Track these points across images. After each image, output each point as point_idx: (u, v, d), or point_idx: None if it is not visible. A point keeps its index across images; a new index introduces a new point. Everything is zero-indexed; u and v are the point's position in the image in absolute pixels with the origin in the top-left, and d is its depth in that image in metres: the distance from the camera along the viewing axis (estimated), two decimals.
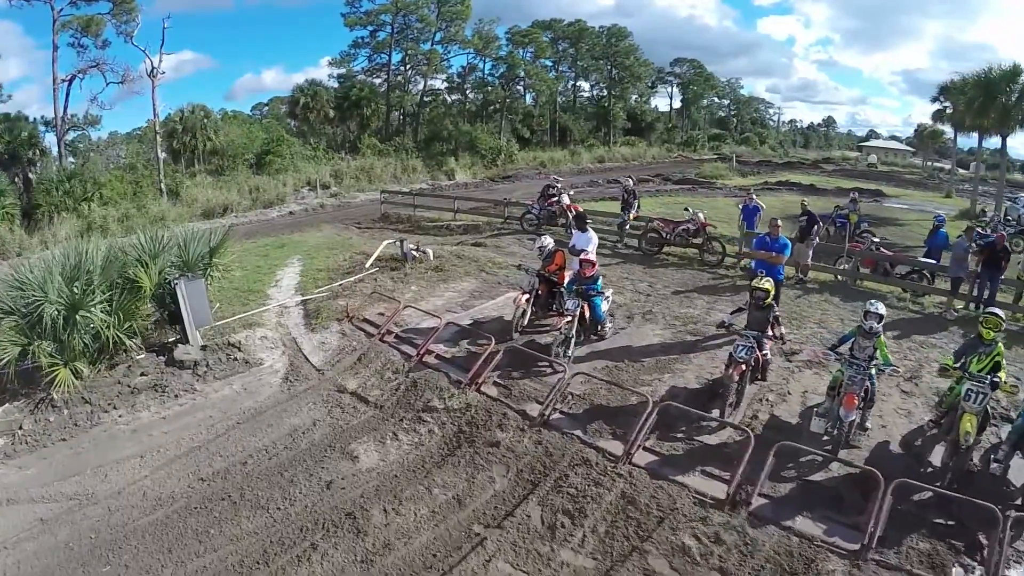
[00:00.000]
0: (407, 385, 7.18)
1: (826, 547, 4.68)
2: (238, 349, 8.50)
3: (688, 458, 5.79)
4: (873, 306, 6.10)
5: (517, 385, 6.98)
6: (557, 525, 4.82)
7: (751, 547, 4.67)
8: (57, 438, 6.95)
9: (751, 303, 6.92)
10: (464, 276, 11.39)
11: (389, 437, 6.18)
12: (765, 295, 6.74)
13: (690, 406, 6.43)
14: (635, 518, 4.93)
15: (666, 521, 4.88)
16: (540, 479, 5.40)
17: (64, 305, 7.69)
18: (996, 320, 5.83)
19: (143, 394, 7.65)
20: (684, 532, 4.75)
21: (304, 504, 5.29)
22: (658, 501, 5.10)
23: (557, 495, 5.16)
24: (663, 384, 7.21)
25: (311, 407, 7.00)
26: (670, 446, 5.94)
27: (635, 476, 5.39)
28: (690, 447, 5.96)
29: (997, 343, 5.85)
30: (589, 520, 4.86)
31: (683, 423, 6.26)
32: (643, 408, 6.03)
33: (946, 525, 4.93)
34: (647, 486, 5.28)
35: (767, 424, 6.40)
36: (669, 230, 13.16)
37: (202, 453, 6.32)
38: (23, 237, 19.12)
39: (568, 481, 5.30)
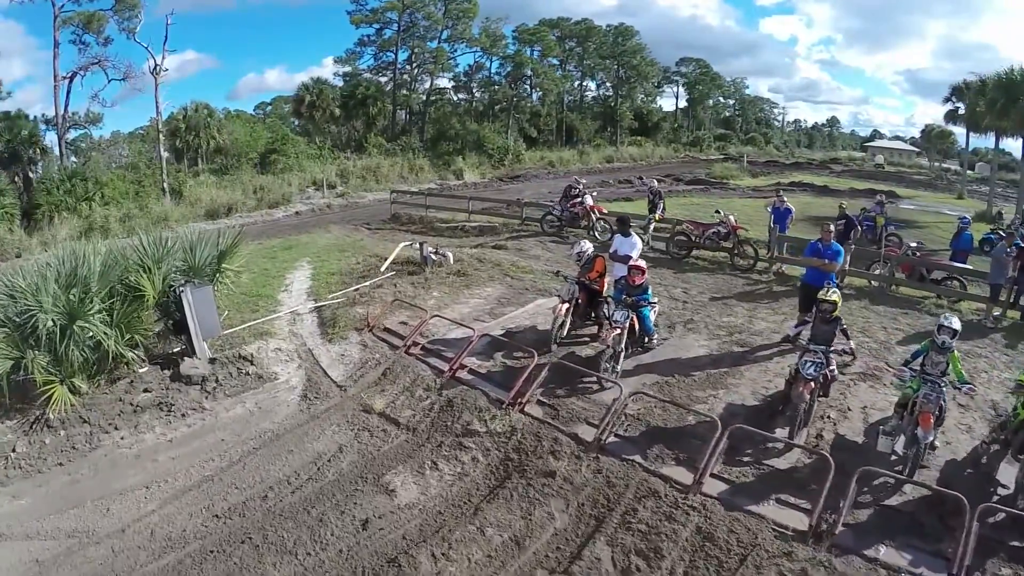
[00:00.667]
0: (441, 404, 6.44)
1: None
2: (250, 362, 7.76)
3: (761, 485, 5.21)
4: (947, 320, 5.66)
5: (564, 404, 6.26)
6: (632, 568, 4.19)
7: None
8: (54, 463, 6.26)
9: (817, 316, 6.29)
10: (488, 281, 10.66)
11: (428, 466, 5.45)
12: (832, 307, 6.14)
13: (752, 424, 5.86)
14: (715, 556, 4.33)
15: (749, 559, 4.28)
16: (605, 514, 4.71)
17: (60, 315, 6.97)
18: None
19: (147, 413, 6.93)
20: (770, 570, 4.20)
21: (338, 548, 4.57)
22: (737, 536, 4.49)
23: (627, 532, 4.49)
24: (719, 401, 6.53)
25: (335, 430, 6.26)
26: (739, 472, 5.33)
27: (708, 508, 4.76)
28: (760, 472, 5.37)
29: None
30: (666, 561, 4.22)
31: (748, 445, 5.62)
32: (709, 430, 5.37)
33: None
34: (723, 519, 4.66)
35: (834, 444, 5.84)
36: (699, 233, 12.45)
37: (215, 484, 5.60)
38: (22, 238, 18.45)
39: (637, 516, 4.62)
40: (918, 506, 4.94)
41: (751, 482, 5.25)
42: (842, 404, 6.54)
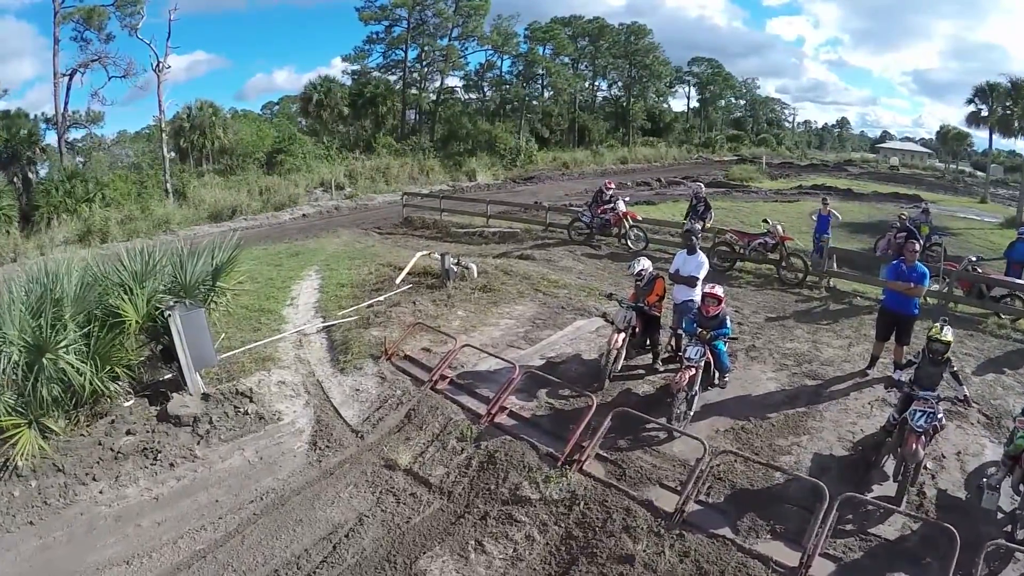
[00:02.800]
0: (481, 459, 5.24)
1: None
2: (249, 399, 6.57)
3: (871, 561, 4.24)
4: None
5: (628, 460, 5.08)
6: None
7: None
8: (23, 520, 5.17)
9: (926, 356, 5.20)
10: (518, 298, 9.46)
11: (472, 547, 4.27)
12: (945, 348, 5.11)
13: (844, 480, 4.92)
14: None
15: None
16: None
17: (26, 347, 5.83)
18: None
19: (129, 461, 5.79)
20: None
21: None
22: None
23: None
24: (804, 451, 5.45)
25: (352, 491, 5.09)
26: (844, 545, 4.30)
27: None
28: (868, 544, 4.37)
29: None
30: None
31: (849, 511, 4.50)
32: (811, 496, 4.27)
33: None
34: None
35: (938, 503, 4.91)
36: (744, 243, 11.26)
37: (208, 564, 4.46)
38: (19, 241, 17.42)
39: None
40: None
41: (860, 559, 4.25)
42: (935, 451, 5.51)
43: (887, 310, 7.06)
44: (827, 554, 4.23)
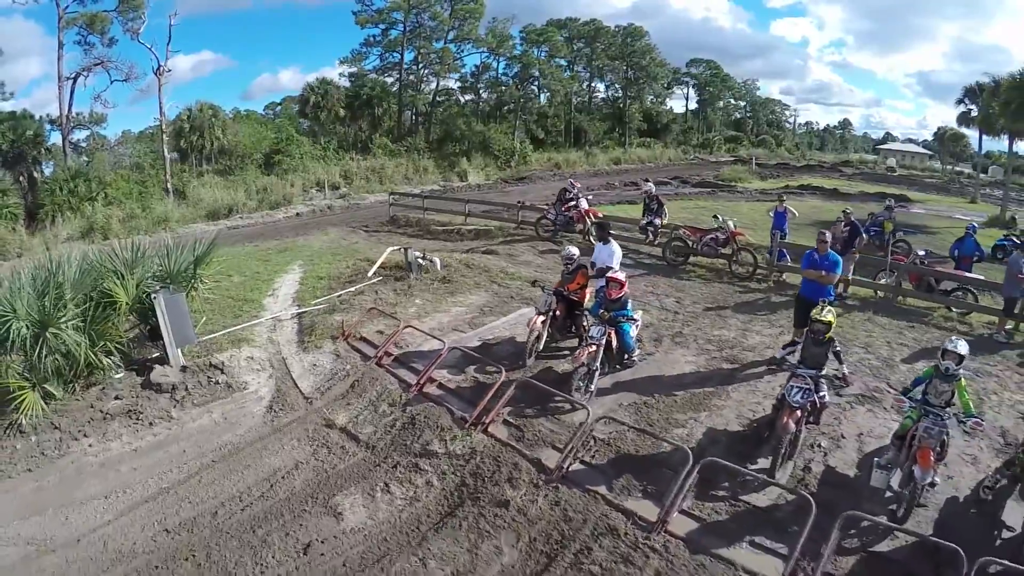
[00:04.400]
0: (404, 421, 6.26)
1: None
2: (221, 371, 7.63)
3: (734, 524, 4.82)
4: (952, 344, 5.07)
5: (531, 425, 6.03)
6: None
7: None
8: (23, 468, 6.17)
9: (808, 337, 5.83)
10: (474, 288, 10.46)
11: (380, 489, 5.27)
12: (826, 328, 5.67)
13: (733, 453, 5.52)
14: None
15: None
16: (557, 552, 4.46)
17: (33, 322, 6.90)
18: None
19: (116, 421, 6.83)
20: None
21: (276, 573, 4.40)
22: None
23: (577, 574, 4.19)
24: (699, 425, 6.19)
25: (294, 445, 6.11)
26: (712, 508, 4.94)
27: (671, 550, 4.42)
28: (735, 510, 4.97)
29: None
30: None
31: (725, 478, 5.23)
32: (680, 461, 5.04)
33: None
34: (686, 564, 4.32)
35: (822, 479, 5.41)
36: (696, 239, 12.13)
37: (171, 497, 5.48)
38: (24, 238, 18.62)
39: (591, 556, 4.35)
40: (912, 554, 4.53)
41: (723, 521, 4.87)
42: (835, 431, 6.13)
43: (803, 298, 7.66)
44: (690, 514, 4.89)
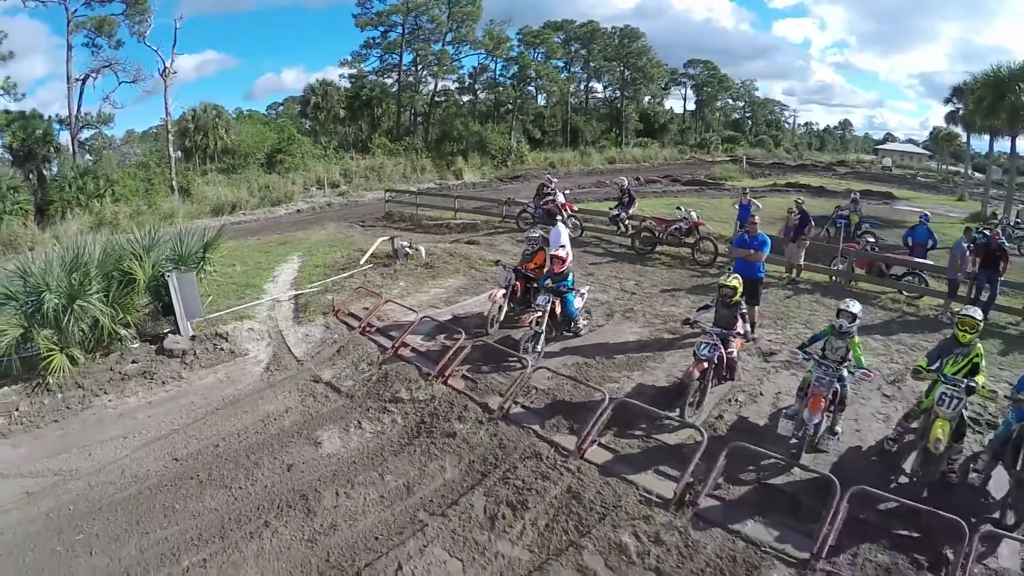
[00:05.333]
0: (379, 376, 7.42)
1: (773, 553, 4.57)
2: (225, 340, 8.82)
3: (643, 456, 5.77)
4: (846, 305, 5.92)
5: (484, 379, 7.16)
6: (498, 516, 4.94)
7: (692, 549, 4.61)
8: (50, 420, 7.27)
9: (718, 300, 6.88)
10: (454, 273, 11.61)
11: (353, 425, 6.41)
12: (732, 293, 6.67)
13: (656, 404, 6.39)
14: (577, 513, 4.97)
15: (608, 518, 4.90)
16: (490, 470, 5.57)
17: (63, 295, 8.08)
18: (972, 321, 5.49)
19: (132, 380, 7.99)
20: (624, 530, 4.76)
21: (264, 485, 5.55)
22: (603, 497, 5.12)
23: (504, 487, 5.30)
24: (631, 381, 7.25)
25: (286, 395, 7.27)
26: (627, 443, 5.93)
27: (584, 472, 5.46)
28: (647, 445, 5.93)
29: (975, 345, 5.54)
30: (530, 513, 4.96)
31: (644, 421, 6.26)
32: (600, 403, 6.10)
33: (911, 538, 4.75)
34: (594, 482, 5.34)
35: (733, 425, 6.33)
36: (662, 229, 13.21)
37: (179, 435, 6.62)
38: (36, 232, 19.76)
39: (516, 473, 5.44)
40: (804, 489, 5.20)
41: (635, 453, 5.80)
42: (755, 389, 7.12)
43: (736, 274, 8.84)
44: (607, 447, 5.81)
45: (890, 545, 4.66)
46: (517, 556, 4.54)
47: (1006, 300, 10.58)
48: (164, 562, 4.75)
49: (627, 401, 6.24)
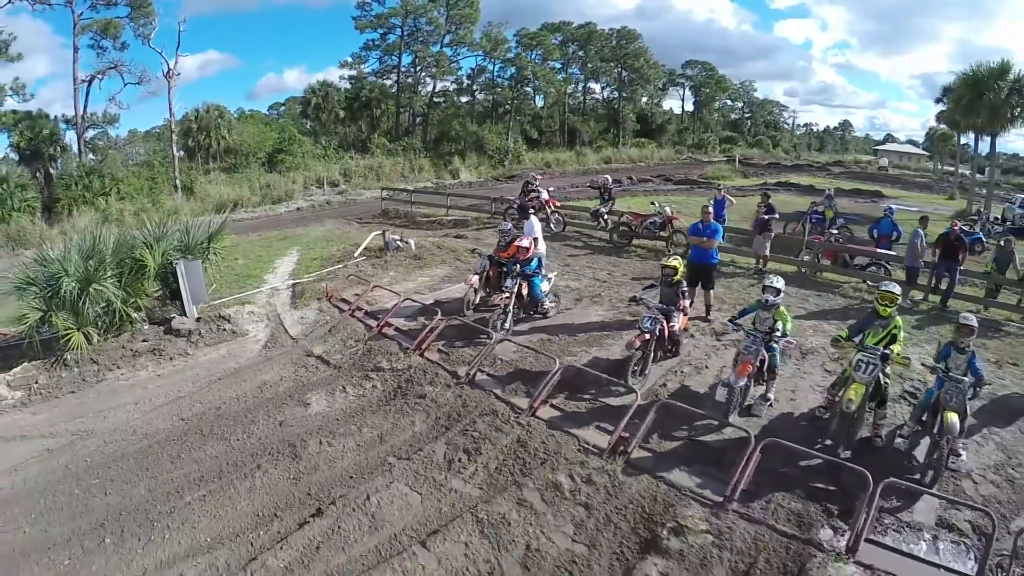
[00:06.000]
0: (364, 351, 8.35)
1: (691, 495, 5.25)
2: (227, 321, 9.76)
3: (587, 415, 6.57)
4: (770, 281, 6.69)
5: (456, 352, 8.07)
6: (455, 460, 5.84)
7: (618, 489, 5.33)
8: (67, 391, 8.19)
9: (661, 280, 7.74)
10: (440, 264, 12.53)
11: (339, 390, 7.32)
12: (673, 272, 7.55)
13: (609, 372, 7.23)
14: (522, 458, 5.79)
15: (548, 462, 5.69)
16: (452, 424, 6.47)
17: (80, 279, 9.03)
18: (891, 296, 6.11)
19: (143, 356, 8.92)
20: (561, 472, 5.53)
21: (258, 437, 6.46)
22: (546, 446, 5.93)
23: (462, 437, 6.19)
24: (588, 355, 8.08)
25: (281, 367, 8.19)
26: (574, 404, 6.76)
27: (533, 426, 6.32)
28: (592, 406, 6.74)
29: (894, 317, 6.16)
30: (483, 458, 5.85)
31: (593, 387, 7.08)
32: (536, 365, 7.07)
33: (827, 490, 5.32)
34: (541, 434, 6.18)
35: (674, 392, 7.06)
36: (638, 223, 14.08)
37: (185, 401, 7.54)
38: (44, 228, 20.56)
39: (475, 427, 6.34)
40: (729, 444, 5.90)
41: (581, 412, 6.61)
42: (702, 364, 7.87)
43: (692, 262, 9.46)
44: (558, 407, 6.61)
45: (805, 495, 5.27)
46: (468, 491, 5.42)
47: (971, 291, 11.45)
48: (169, 498, 5.65)
49: (576, 367, 7.14)
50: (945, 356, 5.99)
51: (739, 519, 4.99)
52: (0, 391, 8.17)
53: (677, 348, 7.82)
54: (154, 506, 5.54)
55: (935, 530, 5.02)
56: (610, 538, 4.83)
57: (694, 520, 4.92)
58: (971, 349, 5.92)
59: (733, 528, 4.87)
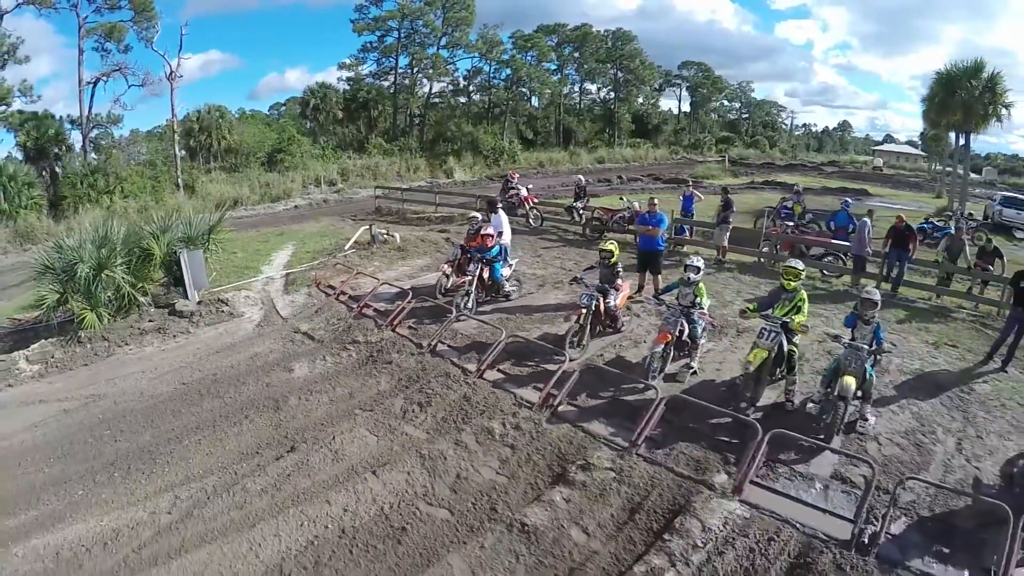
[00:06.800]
0: (344, 328, 9.56)
1: (603, 441, 6.29)
2: (226, 304, 10.97)
3: (527, 377, 7.69)
4: (692, 260, 7.73)
5: (424, 328, 9.25)
6: (409, 411, 7.03)
7: (540, 434, 6.41)
8: (80, 364, 9.34)
9: (599, 262, 8.83)
10: (422, 255, 13.72)
11: (320, 359, 8.53)
12: (609, 255, 8.67)
13: (556, 346, 8.37)
14: (465, 410, 6.95)
15: (486, 413, 6.83)
16: (411, 384, 7.67)
17: (93, 265, 10.25)
18: (795, 271, 7.03)
19: (149, 334, 10.13)
20: (496, 420, 6.67)
21: (247, 395, 7.64)
22: (487, 401, 7.09)
23: (418, 393, 7.39)
24: (539, 331, 9.17)
25: (271, 342, 9.39)
26: (518, 369, 7.90)
27: (478, 385, 7.51)
28: (533, 371, 7.83)
29: (798, 291, 7.00)
30: (432, 409, 7.03)
31: (537, 355, 8.20)
32: (490, 338, 8.26)
33: (728, 442, 6.19)
34: (483, 391, 7.37)
35: (610, 361, 8.15)
36: (608, 217, 15.21)
37: (186, 369, 8.73)
38: (51, 225, 21.54)
39: (429, 386, 7.54)
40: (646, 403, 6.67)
41: (523, 375, 7.73)
42: (640, 339, 8.90)
43: (640, 249, 10.71)
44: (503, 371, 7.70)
45: (708, 446, 6.15)
46: (416, 435, 6.60)
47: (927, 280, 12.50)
48: (170, 442, 6.78)
49: (522, 338, 8.29)
50: (851, 326, 6.86)
51: (641, 461, 5.97)
52: (20, 365, 9.36)
53: (615, 323, 8.91)
54: (157, 448, 6.69)
55: (827, 481, 5.74)
56: (528, 472, 5.94)
57: (601, 460, 5.99)
58: (876, 321, 6.74)
59: (634, 467, 5.90)
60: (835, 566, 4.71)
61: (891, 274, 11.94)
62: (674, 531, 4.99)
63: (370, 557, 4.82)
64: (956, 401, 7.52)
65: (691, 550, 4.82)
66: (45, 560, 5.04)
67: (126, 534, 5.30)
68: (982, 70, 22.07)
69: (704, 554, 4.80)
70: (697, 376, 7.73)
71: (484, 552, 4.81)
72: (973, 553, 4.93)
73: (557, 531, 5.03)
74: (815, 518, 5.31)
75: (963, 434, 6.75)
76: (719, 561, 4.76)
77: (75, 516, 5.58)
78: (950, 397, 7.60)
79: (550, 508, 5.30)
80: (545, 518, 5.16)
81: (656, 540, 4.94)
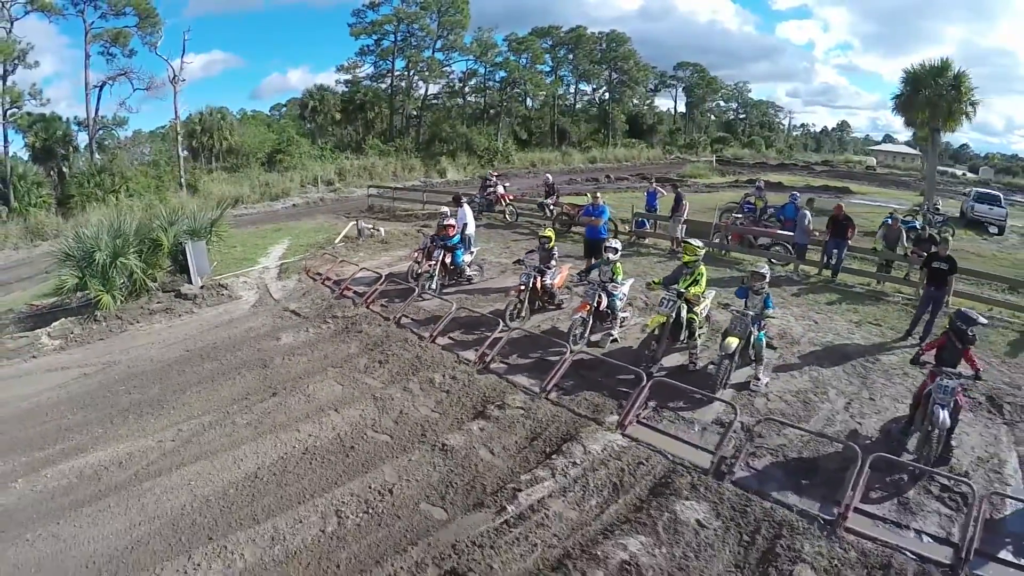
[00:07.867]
0: (326, 307, 11.25)
1: (520, 388, 7.80)
2: (225, 289, 12.67)
3: (472, 343, 9.19)
4: (610, 243, 9.23)
5: (394, 306, 10.92)
6: (370, 367, 8.69)
7: (471, 383, 8.00)
8: (97, 338, 10.97)
9: (539, 246, 10.33)
10: (403, 247, 15.45)
11: (303, 331, 10.19)
12: (547, 240, 10.20)
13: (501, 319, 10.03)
14: (415, 366, 8.52)
15: (431, 368, 8.43)
16: (375, 348, 9.33)
17: (109, 253, 11.96)
18: (692, 248, 8.18)
19: (157, 314, 11.82)
20: (437, 373, 8.25)
21: (241, 358, 9.30)
22: (434, 360, 8.67)
23: (379, 354, 9.05)
24: (491, 307, 10.71)
25: (264, 318, 11.08)
26: (464, 336, 9.47)
27: (430, 348, 9.15)
28: (477, 338, 9.27)
29: (698, 266, 8.10)
30: (389, 366, 8.69)
31: (483, 326, 9.69)
32: (446, 312, 9.85)
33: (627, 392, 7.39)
34: (432, 352, 8.99)
35: (544, 331, 9.59)
36: (575, 212, 16.76)
37: (190, 340, 10.40)
38: (59, 222, 23.11)
39: (390, 349, 9.20)
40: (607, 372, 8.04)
41: (467, 341, 9.30)
42: None
43: (586, 238, 12.35)
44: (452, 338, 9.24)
45: (609, 395, 7.55)
46: (373, 384, 8.25)
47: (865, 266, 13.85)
48: (175, 393, 8.41)
49: (467, 308, 9.99)
50: (743, 297, 7.97)
51: (548, 403, 7.46)
52: (43, 340, 11.05)
53: (553, 299, 10.43)
54: (164, 398, 8.31)
55: (707, 424, 7.01)
56: (457, 410, 7.56)
57: (515, 401, 7.55)
58: (766, 292, 7.86)
59: (540, 407, 7.41)
60: (691, 486, 6.03)
61: (830, 261, 13.22)
62: (560, 452, 6.54)
63: (324, 465, 6.46)
64: (859, 369, 8.59)
65: (570, 467, 6.31)
66: (70, 477, 6.54)
67: (137, 456, 6.88)
68: (948, 69, 23.14)
69: (580, 470, 6.26)
70: (617, 343, 9.30)
71: (410, 463, 6.41)
72: (829, 488, 5.91)
73: (469, 450, 6.62)
74: (685, 451, 6.57)
75: (856, 396, 7.79)
76: (592, 476, 6.20)
77: (95, 447, 7.11)
78: (854, 366, 8.69)
79: (467, 435, 6.90)
80: (462, 441, 6.77)
81: (546, 460, 6.49)
